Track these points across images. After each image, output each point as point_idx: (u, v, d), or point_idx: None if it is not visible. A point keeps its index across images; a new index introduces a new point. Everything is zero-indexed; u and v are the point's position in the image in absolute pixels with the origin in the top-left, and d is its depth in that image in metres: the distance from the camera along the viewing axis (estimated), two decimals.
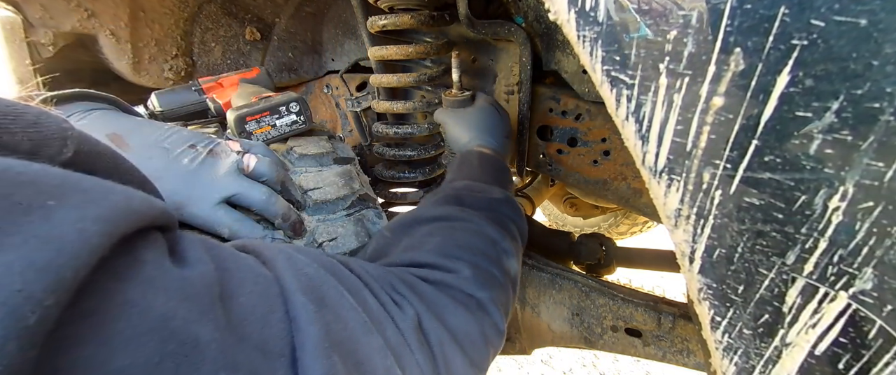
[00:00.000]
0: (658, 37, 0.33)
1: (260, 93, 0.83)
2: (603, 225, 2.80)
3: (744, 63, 0.30)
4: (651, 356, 1.17)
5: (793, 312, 0.35)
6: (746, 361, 0.39)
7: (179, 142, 0.55)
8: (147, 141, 0.54)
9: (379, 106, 1.05)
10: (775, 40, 0.28)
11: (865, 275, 0.30)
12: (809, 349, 0.35)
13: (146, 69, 1.20)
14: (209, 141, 0.57)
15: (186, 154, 0.54)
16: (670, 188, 0.37)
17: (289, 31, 1.36)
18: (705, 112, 0.33)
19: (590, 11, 0.36)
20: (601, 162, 1.00)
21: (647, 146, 0.37)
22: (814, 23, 0.27)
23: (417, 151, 1.06)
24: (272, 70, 1.37)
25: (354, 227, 0.66)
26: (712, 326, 0.40)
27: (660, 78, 0.34)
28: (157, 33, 1.18)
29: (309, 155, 0.74)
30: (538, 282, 1.29)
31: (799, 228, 0.32)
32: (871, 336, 0.31)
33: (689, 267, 0.39)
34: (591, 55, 0.37)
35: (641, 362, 2.31)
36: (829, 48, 0.27)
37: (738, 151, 0.33)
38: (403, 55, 0.94)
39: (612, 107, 0.38)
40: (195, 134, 0.58)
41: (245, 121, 0.71)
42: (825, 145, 0.29)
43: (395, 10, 0.93)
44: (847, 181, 0.29)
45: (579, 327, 1.26)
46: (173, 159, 0.53)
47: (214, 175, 0.54)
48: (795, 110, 0.29)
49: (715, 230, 0.36)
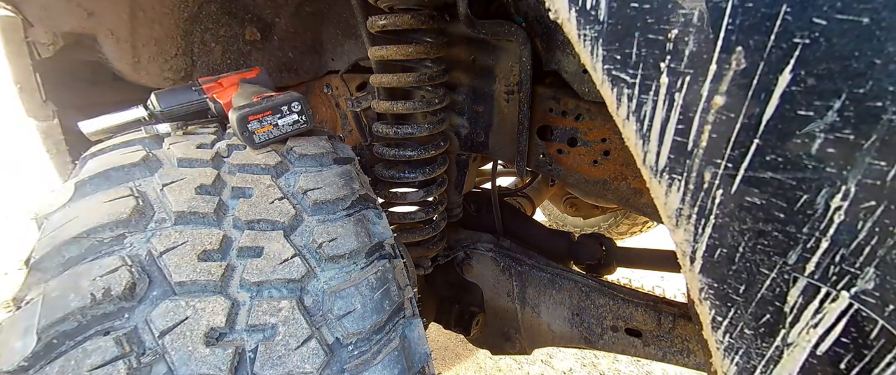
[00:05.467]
0: (659, 35, 0.33)
1: (261, 93, 0.83)
2: (603, 225, 2.80)
3: (745, 62, 0.30)
4: (651, 356, 1.17)
5: (794, 312, 0.35)
6: (747, 361, 0.39)
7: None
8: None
9: (379, 106, 1.05)
10: (777, 39, 0.28)
11: (867, 275, 0.30)
12: (811, 349, 0.35)
13: (146, 69, 1.20)
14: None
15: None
16: (671, 187, 0.37)
17: (289, 31, 1.36)
18: (706, 111, 0.33)
19: (590, 10, 0.36)
20: (601, 162, 1.00)
21: (648, 145, 0.37)
22: (816, 21, 0.27)
23: (417, 151, 1.06)
24: (272, 70, 1.37)
25: (354, 227, 0.66)
26: (713, 326, 0.40)
27: (660, 77, 0.34)
28: (157, 33, 1.18)
29: (309, 155, 0.74)
30: (538, 282, 1.29)
31: (801, 228, 0.32)
32: (873, 336, 0.31)
33: (690, 267, 0.39)
34: (591, 54, 0.37)
35: (641, 362, 2.31)
36: (831, 47, 0.27)
37: (740, 150, 0.33)
38: (403, 55, 0.94)
39: (612, 107, 0.38)
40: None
41: (247, 121, 0.71)
42: (827, 144, 0.29)
43: (395, 9, 0.93)
44: (849, 180, 0.29)
45: (579, 327, 1.26)
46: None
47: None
48: (797, 109, 0.29)
49: (716, 229, 0.36)
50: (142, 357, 0.47)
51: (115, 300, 0.49)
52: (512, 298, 1.33)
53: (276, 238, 0.60)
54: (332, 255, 0.61)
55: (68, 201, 0.60)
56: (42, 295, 0.50)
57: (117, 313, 0.49)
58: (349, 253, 0.62)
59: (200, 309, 0.51)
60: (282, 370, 0.50)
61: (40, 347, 0.46)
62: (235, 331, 0.51)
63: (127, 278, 0.50)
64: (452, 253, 1.35)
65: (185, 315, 0.50)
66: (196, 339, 0.48)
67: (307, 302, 0.56)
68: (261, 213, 0.62)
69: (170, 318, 0.49)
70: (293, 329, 0.52)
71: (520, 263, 1.30)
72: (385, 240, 0.69)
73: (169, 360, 0.47)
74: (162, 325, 0.49)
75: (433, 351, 1.59)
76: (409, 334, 0.63)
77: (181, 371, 0.46)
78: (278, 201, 0.64)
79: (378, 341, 0.58)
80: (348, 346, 0.56)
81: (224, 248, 0.57)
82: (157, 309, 0.50)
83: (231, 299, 0.53)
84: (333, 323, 0.56)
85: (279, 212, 0.63)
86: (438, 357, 2.38)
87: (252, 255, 0.58)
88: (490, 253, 1.32)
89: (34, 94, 1.08)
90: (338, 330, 0.56)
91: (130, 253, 0.54)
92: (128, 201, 0.58)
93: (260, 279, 0.55)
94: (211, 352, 0.48)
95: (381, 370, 0.56)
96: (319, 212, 0.66)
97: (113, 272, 0.50)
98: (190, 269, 0.53)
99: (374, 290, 0.61)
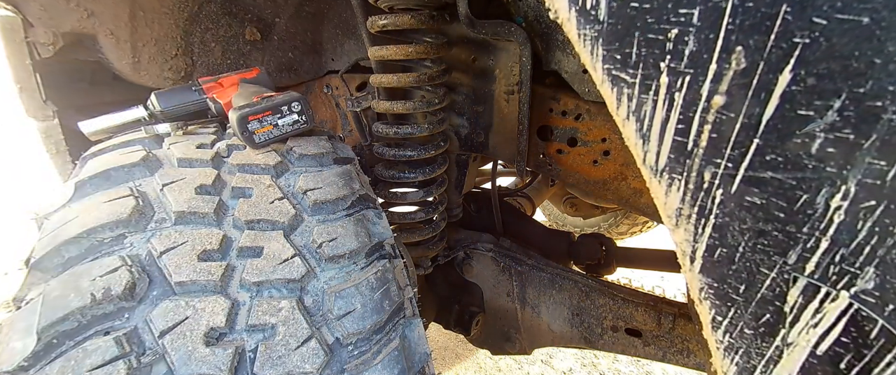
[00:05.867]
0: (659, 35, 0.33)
1: (261, 93, 0.83)
2: (603, 225, 2.80)
3: (745, 61, 0.30)
4: (651, 356, 1.17)
5: (794, 312, 0.35)
6: (747, 361, 0.39)
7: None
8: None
9: (379, 106, 1.05)
10: (777, 39, 0.28)
11: (867, 275, 0.30)
12: (811, 348, 0.35)
13: (146, 69, 1.20)
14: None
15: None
16: (671, 187, 0.37)
17: (289, 31, 1.36)
18: (706, 111, 0.33)
19: (590, 10, 0.36)
20: (601, 162, 1.00)
21: (648, 145, 0.37)
22: (816, 21, 0.27)
23: (417, 151, 1.06)
24: (272, 70, 1.37)
25: (354, 227, 0.66)
26: (713, 326, 0.40)
27: (660, 76, 0.34)
28: (157, 33, 1.18)
29: (309, 155, 0.74)
30: (538, 282, 1.29)
31: (800, 227, 0.32)
32: (873, 335, 0.31)
33: (690, 267, 0.39)
34: (591, 54, 0.37)
35: (641, 362, 2.31)
36: (831, 46, 0.27)
37: (740, 150, 0.33)
38: (403, 55, 0.94)
39: (612, 107, 0.38)
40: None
41: (247, 121, 0.71)
42: (827, 144, 0.29)
43: (395, 9, 0.93)
44: (849, 180, 0.29)
45: (579, 327, 1.26)
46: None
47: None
48: (797, 109, 0.29)
49: (716, 229, 0.36)
50: (142, 357, 0.47)
51: (115, 300, 0.49)
52: (512, 298, 1.34)
53: (276, 238, 0.60)
54: (332, 255, 0.61)
55: (68, 201, 0.60)
56: (42, 295, 0.50)
57: (117, 313, 0.49)
58: (349, 253, 0.62)
59: (200, 308, 0.51)
60: (282, 370, 0.50)
61: (40, 347, 0.46)
62: (235, 331, 0.51)
63: (127, 278, 0.50)
64: (452, 253, 1.35)
65: (185, 315, 0.50)
66: (196, 339, 0.48)
67: (307, 302, 0.56)
68: (261, 213, 0.61)
69: (170, 318, 0.49)
70: (293, 329, 0.52)
71: (520, 263, 1.30)
72: (385, 240, 0.69)
73: (169, 360, 0.47)
74: (162, 325, 0.49)
75: (433, 351, 1.58)
76: (409, 334, 0.63)
77: (181, 371, 0.46)
78: (278, 201, 0.64)
79: (378, 341, 0.58)
80: (348, 346, 0.56)
81: (224, 248, 0.57)
82: (157, 309, 0.50)
83: (231, 299, 0.53)
84: (333, 323, 0.56)
85: (279, 212, 0.63)
86: (438, 357, 2.38)
87: (252, 255, 0.58)
88: (490, 253, 1.32)
89: (34, 94, 1.08)
90: (338, 330, 0.56)
91: (130, 253, 0.54)
92: (128, 201, 0.58)
93: (260, 279, 0.55)
94: (211, 352, 0.48)
95: (381, 370, 0.56)
96: (319, 212, 0.66)
97: (113, 272, 0.50)
98: (190, 269, 0.53)
99: (374, 290, 0.61)
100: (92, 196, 0.60)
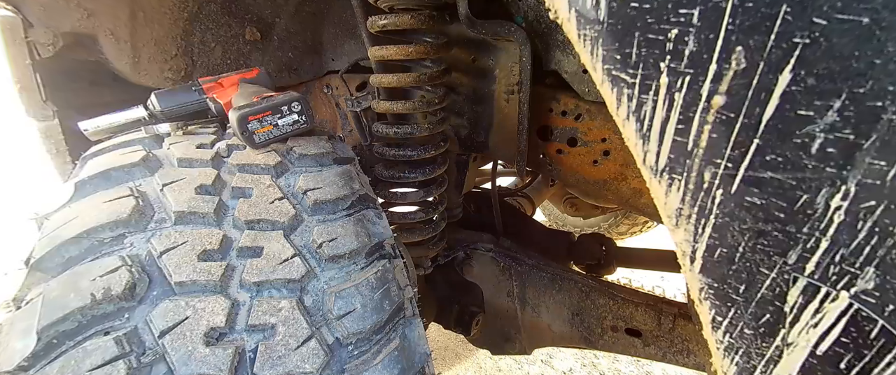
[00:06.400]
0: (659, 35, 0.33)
1: (261, 93, 0.83)
2: (603, 225, 2.80)
3: (745, 61, 0.30)
4: (651, 356, 1.17)
5: (794, 312, 0.35)
6: (747, 361, 0.39)
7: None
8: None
9: (379, 106, 1.05)
10: (777, 39, 0.28)
11: (867, 275, 0.30)
12: (811, 349, 0.35)
13: (146, 69, 1.20)
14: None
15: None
16: (671, 187, 0.37)
17: (289, 31, 1.36)
18: (706, 111, 0.33)
19: (590, 10, 0.36)
20: (601, 162, 1.00)
21: (648, 145, 0.37)
22: (816, 21, 0.27)
23: (417, 151, 1.06)
24: (272, 70, 1.37)
25: (354, 227, 0.66)
26: (713, 326, 0.40)
27: (661, 76, 0.34)
28: (157, 33, 1.18)
29: (309, 155, 0.74)
30: (538, 282, 1.29)
31: (801, 227, 0.32)
32: (873, 336, 0.31)
33: (690, 267, 0.39)
34: (591, 54, 0.37)
35: (641, 362, 2.31)
36: (831, 46, 0.27)
37: (740, 150, 0.33)
38: (403, 55, 0.94)
39: (612, 107, 0.38)
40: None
41: (247, 121, 0.71)
42: (827, 144, 0.29)
43: (395, 9, 0.93)
44: (849, 180, 0.29)
45: (579, 327, 1.26)
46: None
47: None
48: (797, 109, 0.29)
49: (716, 229, 0.36)
50: (142, 357, 0.47)
51: (115, 300, 0.49)
52: (512, 298, 1.33)
53: (275, 238, 0.60)
54: (332, 255, 0.61)
55: (68, 201, 0.60)
56: (42, 295, 0.50)
57: (117, 313, 0.49)
58: (349, 253, 0.62)
59: (200, 308, 0.51)
60: (282, 370, 0.50)
61: (40, 347, 0.46)
62: (235, 331, 0.51)
63: (127, 278, 0.50)
64: (452, 253, 1.35)
65: (185, 315, 0.50)
66: (196, 339, 0.48)
67: (307, 302, 0.56)
68: (261, 213, 0.61)
69: (170, 318, 0.49)
70: (293, 329, 0.52)
71: (520, 263, 1.30)
72: (385, 240, 0.69)
73: (169, 360, 0.47)
74: (162, 325, 0.49)
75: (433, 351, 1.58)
76: (409, 334, 0.63)
77: (181, 371, 0.46)
78: (278, 201, 0.64)
79: (378, 341, 0.58)
80: (348, 346, 0.56)
81: (224, 248, 0.57)
82: (157, 309, 0.50)
83: (231, 299, 0.53)
84: (333, 323, 0.56)
85: (279, 212, 0.63)
86: (438, 357, 2.38)
87: (252, 255, 0.58)
88: (490, 253, 1.32)
89: (34, 94, 1.08)
90: (338, 330, 0.56)
91: (130, 253, 0.54)
92: (128, 201, 0.58)
93: (260, 279, 0.55)
94: (211, 352, 0.48)
95: (381, 370, 0.56)
96: (319, 212, 0.66)
97: (113, 272, 0.50)
98: (190, 269, 0.53)
99: (374, 290, 0.61)
100: (92, 196, 0.60)
